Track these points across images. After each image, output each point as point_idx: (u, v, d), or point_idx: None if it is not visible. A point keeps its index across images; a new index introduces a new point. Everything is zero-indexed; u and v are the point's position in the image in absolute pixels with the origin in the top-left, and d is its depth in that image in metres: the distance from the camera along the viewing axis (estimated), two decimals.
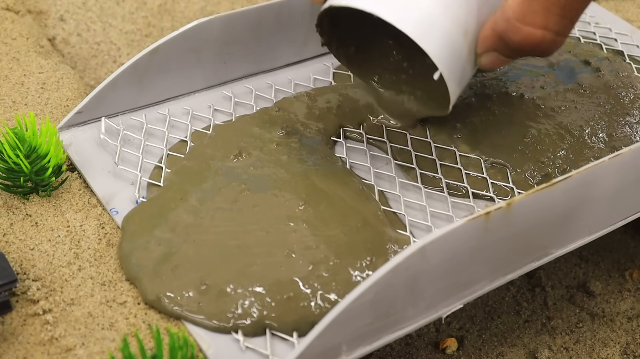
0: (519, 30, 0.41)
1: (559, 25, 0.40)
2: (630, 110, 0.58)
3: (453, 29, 0.43)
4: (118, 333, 0.41)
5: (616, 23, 0.69)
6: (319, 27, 0.49)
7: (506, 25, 0.41)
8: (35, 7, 0.70)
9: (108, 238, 0.46)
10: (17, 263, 0.44)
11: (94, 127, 0.52)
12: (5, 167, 0.46)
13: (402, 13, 0.43)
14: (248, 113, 0.55)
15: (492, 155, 0.53)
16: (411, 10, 0.43)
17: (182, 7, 0.75)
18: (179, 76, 0.55)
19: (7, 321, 0.41)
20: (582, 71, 0.62)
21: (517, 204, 0.40)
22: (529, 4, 0.40)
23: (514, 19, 0.41)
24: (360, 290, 0.36)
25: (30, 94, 0.56)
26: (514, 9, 0.41)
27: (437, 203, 0.50)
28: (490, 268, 0.43)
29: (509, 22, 0.41)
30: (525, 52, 0.42)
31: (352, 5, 0.44)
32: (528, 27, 0.40)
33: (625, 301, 0.55)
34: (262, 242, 0.45)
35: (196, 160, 0.50)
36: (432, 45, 0.43)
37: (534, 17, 0.40)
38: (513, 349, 0.52)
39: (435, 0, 0.43)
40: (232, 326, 0.41)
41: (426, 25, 0.43)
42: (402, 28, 0.43)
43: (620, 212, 0.48)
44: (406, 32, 0.43)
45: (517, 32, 0.41)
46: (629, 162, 0.44)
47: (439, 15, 0.43)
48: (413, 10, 0.43)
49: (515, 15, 0.41)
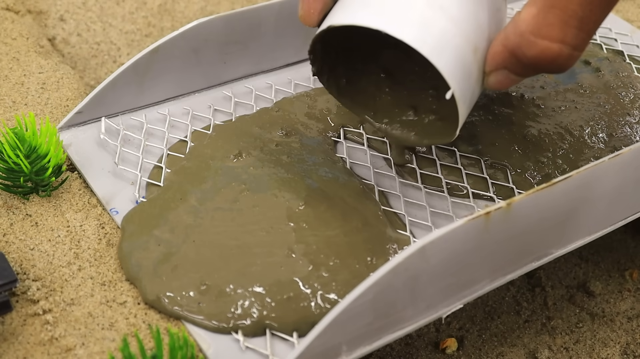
0: (534, 44, 0.38)
1: (577, 38, 0.37)
2: (630, 110, 0.58)
3: (463, 46, 0.40)
4: (118, 333, 0.41)
5: (616, 23, 0.69)
6: (311, 54, 0.45)
7: (519, 39, 0.38)
8: (35, 7, 0.70)
9: (108, 238, 0.46)
10: (17, 263, 0.44)
11: (94, 127, 0.52)
12: (5, 167, 0.46)
13: (411, 29, 0.40)
14: (248, 113, 0.55)
15: (492, 155, 0.53)
16: (422, 27, 0.40)
17: (182, 7, 0.75)
18: (179, 76, 0.55)
19: (7, 321, 0.41)
20: (582, 71, 0.62)
21: (517, 204, 0.40)
22: (544, 16, 0.37)
23: (528, 33, 0.38)
24: (360, 290, 0.36)
25: (30, 94, 0.56)
26: (527, 22, 0.38)
27: (437, 203, 0.50)
28: (490, 268, 0.43)
29: (522, 36, 0.38)
30: (539, 68, 0.39)
31: (358, 24, 0.40)
32: (544, 40, 0.37)
33: (625, 301, 0.55)
34: (262, 242, 0.45)
35: (196, 160, 0.50)
36: (444, 63, 0.40)
37: (551, 30, 0.37)
38: (513, 349, 0.52)
39: (445, 15, 0.40)
40: (232, 326, 0.41)
41: (436, 41, 0.40)
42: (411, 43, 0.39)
43: (620, 212, 0.48)
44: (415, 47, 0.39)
45: (532, 47, 0.38)
46: (629, 162, 0.44)
47: (449, 30, 0.40)
48: (424, 26, 0.40)
49: (530, 28, 0.38)
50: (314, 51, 0.44)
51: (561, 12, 0.37)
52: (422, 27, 0.40)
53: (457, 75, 0.40)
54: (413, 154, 0.53)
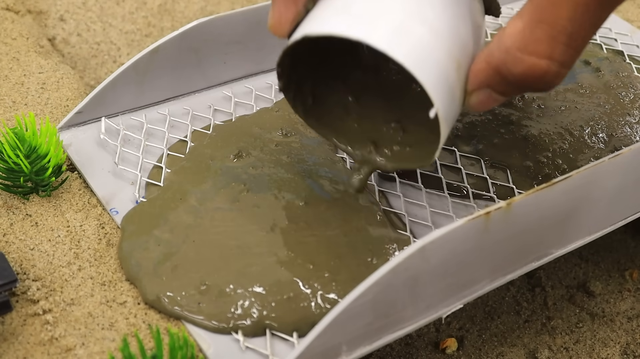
0: (520, 60, 0.36)
1: (565, 55, 0.36)
2: (630, 110, 0.58)
3: (446, 62, 0.38)
4: (118, 333, 0.41)
5: (616, 23, 0.69)
6: (280, 66, 0.41)
7: (505, 56, 0.36)
8: (35, 7, 0.70)
9: (108, 238, 0.46)
10: (17, 263, 0.44)
11: (94, 127, 0.52)
12: (5, 167, 0.46)
13: (393, 39, 0.37)
14: (248, 113, 0.55)
15: (492, 155, 0.53)
16: (403, 37, 0.37)
17: (182, 7, 0.75)
18: (179, 76, 0.55)
19: (7, 321, 0.41)
20: (582, 71, 0.62)
21: (517, 204, 0.40)
22: (531, 32, 0.35)
23: (515, 49, 0.36)
24: (360, 290, 0.36)
25: (30, 94, 0.56)
26: (513, 38, 0.36)
27: (437, 203, 0.50)
28: (490, 268, 0.43)
29: (508, 52, 0.36)
30: (525, 86, 0.37)
31: (337, 34, 0.37)
32: (531, 57, 0.35)
33: (625, 301, 0.55)
34: (262, 242, 0.45)
35: (196, 160, 0.50)
36: (427, 77, 0.37)
37: (538, 45, 0.35)
38: (513, 349, 0.52)
39: (427, 28, 0.37)
40: (232, 326, 0.41)
41: (419, 53, 0.37)
42: (394, 56, 0.37)
43: (620, 212, 0.48)
44: (399, 60, 0.37)
45: (518, 63, 0.36)
46: (629, 162, 0.44)
47: (431, 43, 0.37)
48: (406, 38, 0.37)
49: (516, 44, 0.36)
50: (282, 64, 0.41)
51: (549, 28, 0.35)
52: (404, 40, 0.37)
53: (440, 92, 0.37)
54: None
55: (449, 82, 0.38)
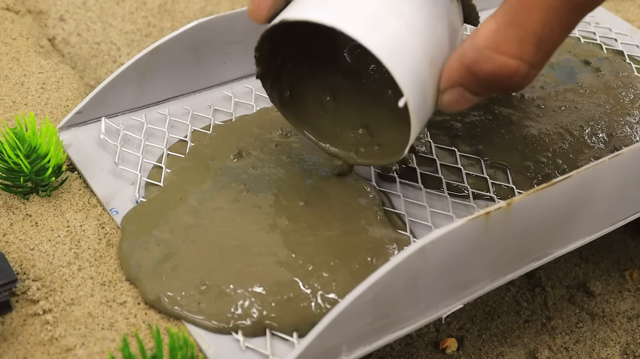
0: (491, 59, 0.37)
1: (535, 56, 0.37)
2: (630, 110, 0.58)
3: (420, 57, 0.38)
4: (118, 333, 0.41)
5: (616, 23, 0.69)
6: (258, 51, 0.43)
7: (476, 55, 0.37)
8: (35, 7, 0.70)
9: (108, 238, 0.46)
10: (17, 263, 0.44)
11: (94, 127, 0.52)
12: (5, 167, 0.46)
13: (367, 29, 0.38)
14: (248, 113, 0.55)
15: (492, 155, 0.53)
16: (379, 30, 0.38)
17: (182, 7, 0.75)
18: (179, 76, 0.55)
19: (7, 321, 0.41)
20: (582, 71, 0.62)
21: (517, 204, 0.39)
22: (503, 32, 0.37)
23: (486, 48, 0.37)
24: (360, 290, 0.36)
25: (30, 94, 0.56)
26: (486, 38, 0.37)
27: (437, 203, 0.50)
28: (490, 268, 0.43)
29: (479, 51, 0.37)
30: (496, 85, 0.38)
31: (312, 19, 0.38)
32: (502, 56, 0.37)
33: (625, 301, 0.55)
34: (262, 242, 0.45)
35: (196, 160, 0.50)
36: (399, 70, 0.38)
37: (509, 45, 0.37)
38: (513, 349, 0.52)
39: (404, 22, 0.39)
40: (232, 326, 0.41)
41: (393, 46, 0.38)
42: (367, 45, 0.38)
43: (620, 212, 0.48)
44: (371, 49, 0.37)
45: (489, 62, 0.37)
46: (629, 162, 0.44)
47: (406, 37, 0.38)
48: (381, 29, 0.38)
49: (488, 44, 0.37)
50: (261, 48, 0.42)
51: (521, 29, 0.36)
52: (379, 30, 0.38)
53: (411, 84, 0.38)
54: (413, 154, 0.53)
55: (421, 76, 0.39)
